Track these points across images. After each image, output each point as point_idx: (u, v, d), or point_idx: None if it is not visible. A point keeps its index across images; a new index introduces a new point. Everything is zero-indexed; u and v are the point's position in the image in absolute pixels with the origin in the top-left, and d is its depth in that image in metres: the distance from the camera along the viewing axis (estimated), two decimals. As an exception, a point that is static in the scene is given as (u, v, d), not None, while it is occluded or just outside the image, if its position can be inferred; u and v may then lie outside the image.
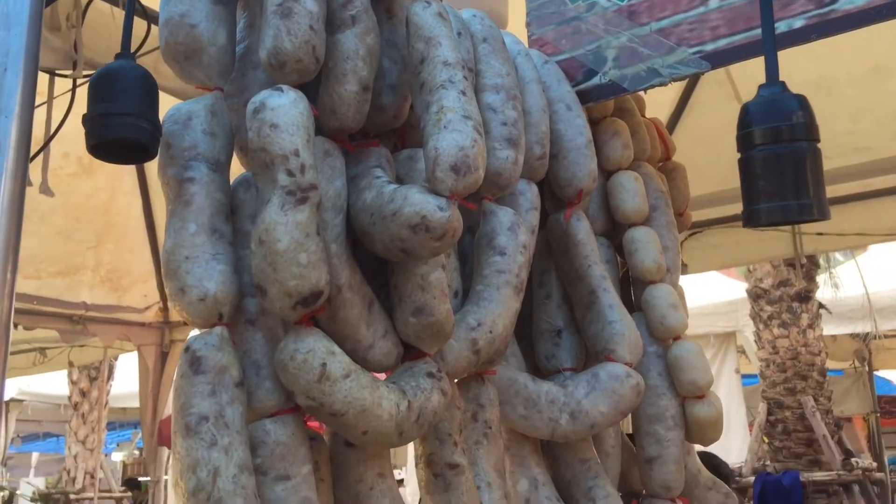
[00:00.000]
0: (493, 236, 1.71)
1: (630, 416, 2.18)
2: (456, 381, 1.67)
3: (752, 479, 6.61)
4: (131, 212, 6.29)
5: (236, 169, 1.50)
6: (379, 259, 1.57)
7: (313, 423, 1.50)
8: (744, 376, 9.45)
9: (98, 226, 6.22)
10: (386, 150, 1.57)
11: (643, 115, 2.33)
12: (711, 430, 1.99)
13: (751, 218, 1.40)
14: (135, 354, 7.27)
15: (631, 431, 2.24)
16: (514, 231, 1.72)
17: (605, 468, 1.96)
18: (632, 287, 2.17)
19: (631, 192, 2.07)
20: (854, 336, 9.24)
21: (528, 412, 1.83)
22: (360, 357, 1.45)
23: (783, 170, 1.38)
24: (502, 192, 1.78)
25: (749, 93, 1.61)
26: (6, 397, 10.05)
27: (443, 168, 1.39)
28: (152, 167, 5.78)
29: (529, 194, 1.89)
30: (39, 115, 3.00)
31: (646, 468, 1.99)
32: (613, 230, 2.17)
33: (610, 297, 1.95)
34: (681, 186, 2.34)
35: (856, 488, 6.33)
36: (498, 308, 1.65)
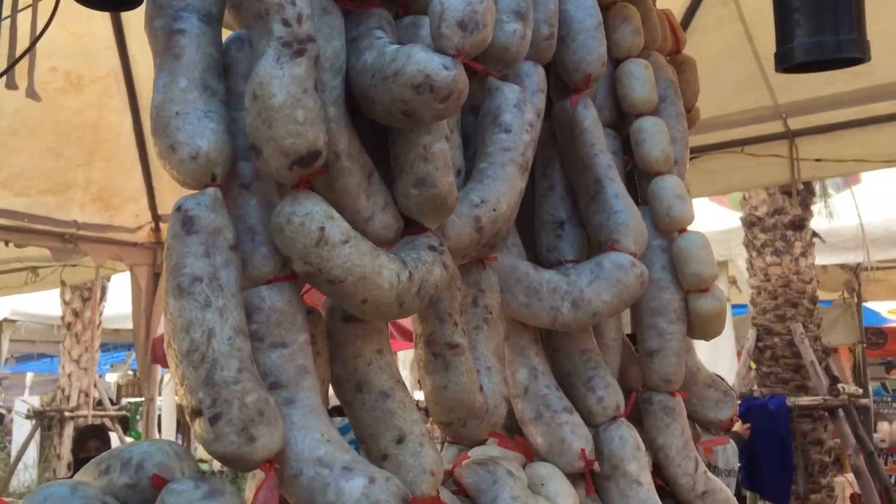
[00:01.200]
0: (499, 113, 1.64)
1: (630, 312, 2.16)
2: (457, 264, 1.62)
3: (739, 402, 6.69)
4: (122, 129, 6.17)
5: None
6: (378, 132, 1.51)
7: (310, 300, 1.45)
8: (734, 306, 9.50)
9: (88, 143, 6.11)
10: (387, 13, 1.49)
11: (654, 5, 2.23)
12: (714, 323, 1.96)
13: (784, 57, 1.31)
14: (127, 276, 7.22)
15: (631, 331, 2.22)
16: (520, 108, 1.65)
17: (606, 361, 1.94)
18: (637, 181, 2.11)
19: (640, 80, 2.00)
20: (844, 267, 9.29)
21: (530, 300, 1.79)
22: (358, 229, 1.39)
23: (822, 1, 1.28)
24: (508, 68, 1.70)
25: (753, 13, 1.49)
26: (-1, 317, 10.01)
27: (449, 24, 1.31)
28: (144, 87, 5.65)
29: (536, 76, 1.81)
30: (24, 24, 2.87)
31: (646, 361, 1.97)
32: (620, 122, 2.10)
33: (616, 187, 1.90)
34: (690, 80, 2.26)
35: (840, 413, 6.41)
36: (502, 186, 1.59)
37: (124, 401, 11.89)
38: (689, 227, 1.99)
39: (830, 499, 6.72)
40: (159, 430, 9.89)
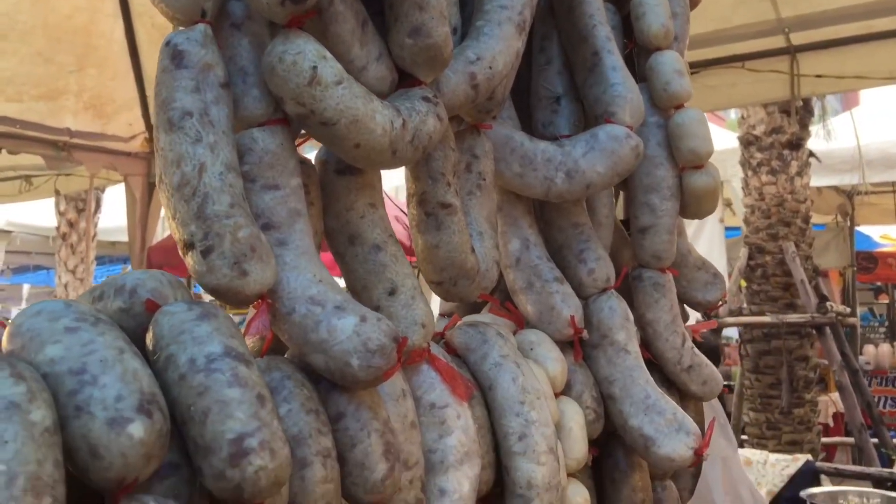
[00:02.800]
0: (496, -30, 1.60)
1: (624, 193, 2.16)
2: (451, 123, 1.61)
3: (729, 318, 6.79)
4: (113, 36, 6.05)
5: None
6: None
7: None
8: (727, 228, 9.56)
9: (79, 48, 5.99)
10: None
11: None
12: (707, 200, 1.96)
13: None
14: (121, 189, 7.18)
15: (624, 216, 2.22)
16: (518, -34, 1.61)
17: (598, 237, 1.94)
18: (636, 59, 2.08)
19: (642, -49, 1.95)
20: (839, 191, 9.29)
21: (524, 170, 1.78)
22: (352, 79, 1.37)
23: None
24: (506, -74, 1.66)
25: None
26: (-5, 228, 9.96)
27: None
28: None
29: (534, -60, 1.76)
30: None
31: (638, 238, 1.97)
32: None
33: (613, 60, 1.87)
34: (693, -42, 2.20)
35: (828, 330, 6.51)
36: (498, 44, 1.57)
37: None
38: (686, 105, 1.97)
39: (813, 413, 6.87)
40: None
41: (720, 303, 2.14)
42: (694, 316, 2.26)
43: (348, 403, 1.28)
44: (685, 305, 2.16)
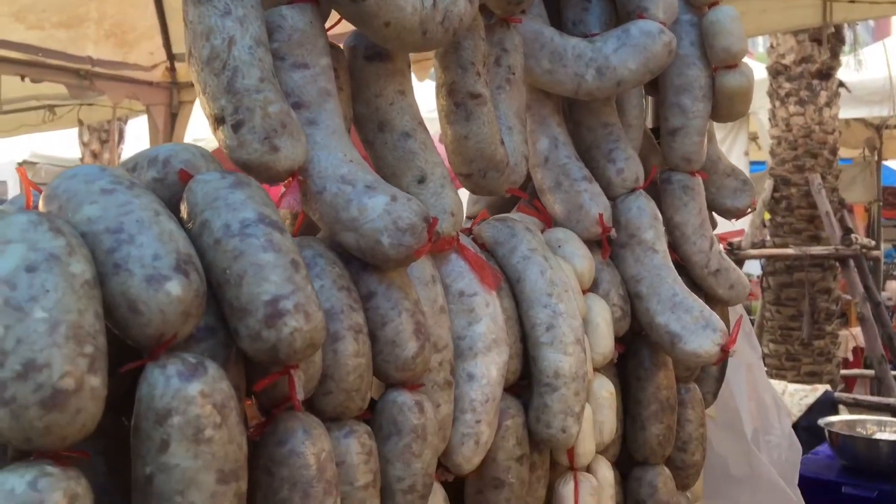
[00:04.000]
0: None
1: (653, 99, 2.12)
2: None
3: (751, 251, 6.74)
4: (132, -39, 5.97)
5: None
6: None
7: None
8: (752, 163, 9.42)
9: (98, -27, 5.93)
10: None
11: None
12: (740, 101, 1.93)
13: None
14: (144, 121, 7.16)
15: (652, 125, 2.19)
16: None
17: (628, 139, 1.92)
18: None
19: None
20: (867, 124, 9.10)
21: (553, 66, 1.75)
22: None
23: None
24: None
25: None
26: (19, 158, 9.99)
27: None
28: None
29: None
30: None
31: (668, 141, 1.95)
32: None
33: (647, -47, 1.82)
34: None
35: (851, 262, 6.45)
36: (530, -72, 1.53)
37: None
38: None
39: (833, 345, 6.86)
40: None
41: (748, 210, 2.12)
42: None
43: (379, 283, 1.28)
44: (713, 213, 2.14)
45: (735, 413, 2.16)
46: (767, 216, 7.29)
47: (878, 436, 4.92)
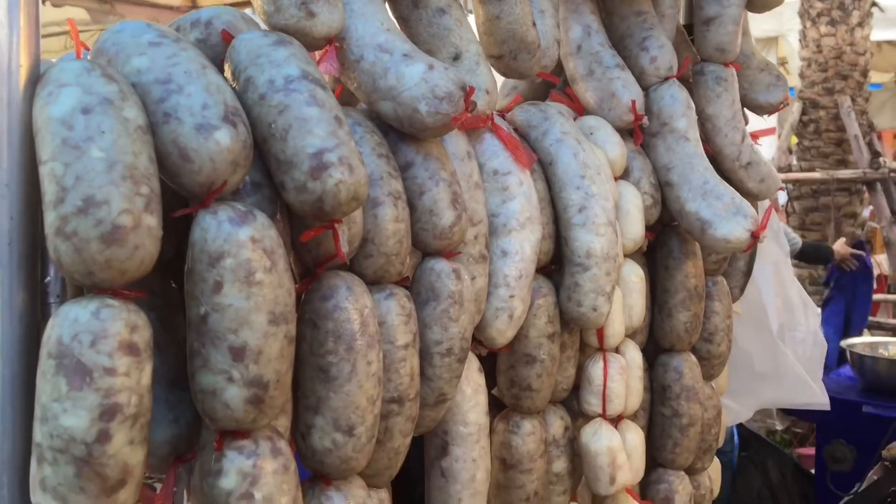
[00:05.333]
0: None
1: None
2: None
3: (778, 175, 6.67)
4: None
5: None
6: None
7: None
8: (780, 88, 9.23)
9: None
10: None
11: None
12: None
13: None
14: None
15: (685, 22, 2.16)
16: None
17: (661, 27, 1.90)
18: None
19: None
20: (901, 47, 8.88)
21: (587, -50, 1.73)
22: None
23: None
24: None
25: None
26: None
27: None
28: None
29: None
30: None
31: (702, 30, 1.92)
32: None
33: None
34: None
35: (879, 186, 6.39)
36: None
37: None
38: None
39: (857, 270, 6.84)
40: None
41: (781, 105, 2.10)
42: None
43: (416, 153, 1.30)
44: (745, 110, 2.13)
45: (761, 309, 2.18)
46: (794, 141, 7.20)
47: (901, 356, 4.92)
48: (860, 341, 5.55)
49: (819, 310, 2.31)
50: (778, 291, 2.19)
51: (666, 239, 1.86)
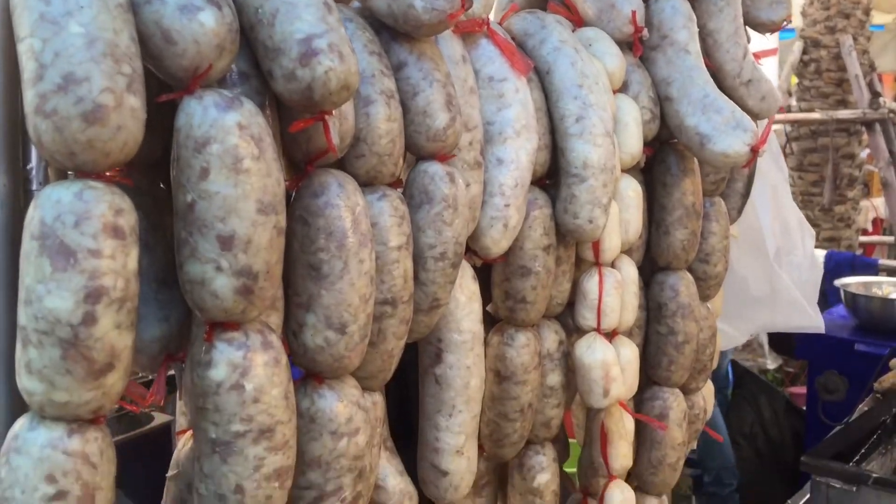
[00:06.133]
0: None
1: None
2: None
3: (777, 116, 6.61)
4: None
5: None
6: None
7: None
8: (782, 30, 9.11)
9: None
10: None
11: None
12: None
13: None
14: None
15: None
16: None
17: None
18: None
19: None
20: (905, -13, 8.72)
21: None
22: None
23: None
24: None
25: None
26: None
27: None
28: None
29: None
30: None
31: (704, -58, 1.86)
32: None
33: None
34: None
35: (878, 126, 6.33)
36: None
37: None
38: None
39: (854, 211, 6.83)
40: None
41: (784, 23, 2.05)
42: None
43: (409, 53, 1.27)
44: (747, 28, 2.08)
45: (758, 232, 2.16)
46: (794, 81, 7.12)
47: (894, 296, 4.96)
48: (854, 280, 5.57)
49: (814, 232, 2.29)
50: (776, 215, 2.17)
51: (664, 156, 1.83)
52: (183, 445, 1.15)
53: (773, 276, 2.16)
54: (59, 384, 0.85)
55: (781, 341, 6.27)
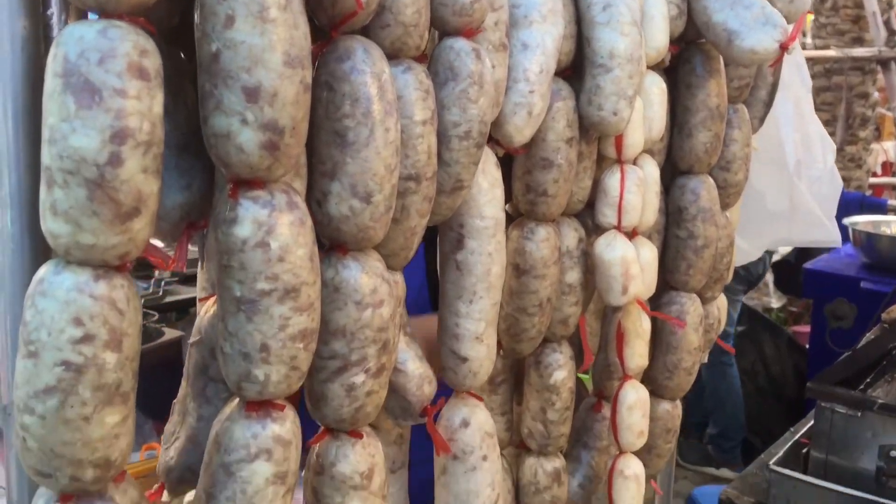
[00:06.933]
0: None
1: None
2: None
3: (791, 52, 6.51)
4: None
5: None
6: None
7: None
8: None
9: None
10: None
11: None
12: None
13: None
14: None
15: None
16: None
17: None
18: None
19: None
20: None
21: None
22: None
23: None
24: None
25: None
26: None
27: None
28: None
29: None
30: None
31: None
32: None
33: None
34: None
35: (893, 65, 6.23)
36: None
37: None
38: None
39: (866, 152, 6.78)
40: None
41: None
42: None
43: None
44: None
45: (779, 144, 2.13)
46: (810, 19, 6.99)
47: (901, 235, 4.92)
48: (863, 219, 5.55)
49: (835, 146, 2.25)
50: (797, 127, 2.13)
51: (689, 56, 1.79)
52: (205, 312, 1.14)
53: (792, 190, 2.13)
54: (85, 226, 0.83)
55: (787, 280, 6.28)
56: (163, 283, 4.05)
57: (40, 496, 0.92)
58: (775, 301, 6.26)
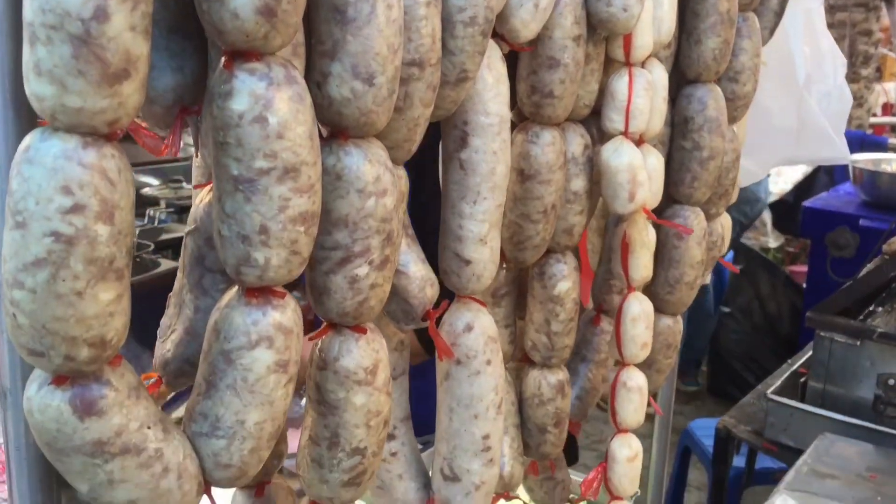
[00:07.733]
0: None
1: None
2: None
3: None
4: None
5: None
6: None
7: None
8: None
9: None
10: None
11: None
12: None
13: None
14: None
15: None
16: None
17: None
18: None
19: None
20: None
21: None
22: None
23: None
24: None
25: None
26: None
27: None
28: None
29: None
30: None
31: None
32: None
33: None
34: None
35: (898, 1, 6.12)
36: None
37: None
38: None
39: (867, 90, 6.71)
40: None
41: None
42: None
43: None
44: None
45: (788, 57, 2.07)
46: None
47: (901, 172, 4.89)
48: (864, 157, 5.50)
49: (846, 61, 2.19)
50: (807, 40, 2.07)
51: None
52: (200, 201, 1.10)
53: (801, 104, 2.08)
54: (71, 87, 0.78)
55: (785, 220, 6.26)
56: (157, 219, 4.00)
57: (33, 379, 0.88)
58: (773, 241, 6.25)
